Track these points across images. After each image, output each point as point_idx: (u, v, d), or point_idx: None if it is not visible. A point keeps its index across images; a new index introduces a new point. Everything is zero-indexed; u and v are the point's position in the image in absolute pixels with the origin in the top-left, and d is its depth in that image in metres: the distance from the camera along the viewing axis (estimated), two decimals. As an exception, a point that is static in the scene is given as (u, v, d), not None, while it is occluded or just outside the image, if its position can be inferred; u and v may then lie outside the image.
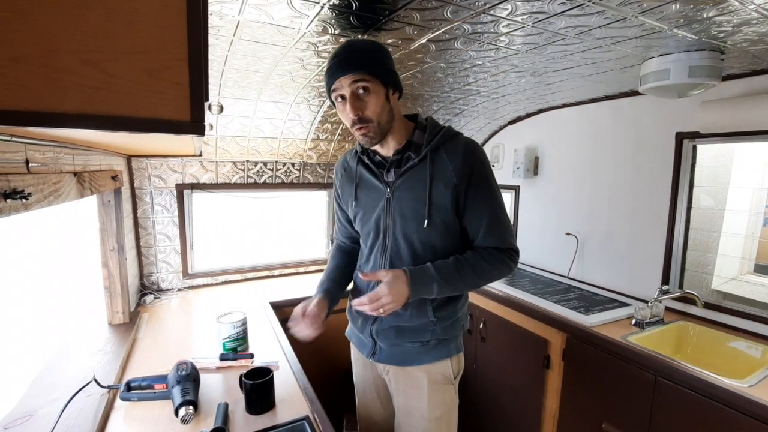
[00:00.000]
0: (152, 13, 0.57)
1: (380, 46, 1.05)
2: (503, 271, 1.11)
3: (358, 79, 0.98)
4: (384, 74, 1.01)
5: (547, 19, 1.08)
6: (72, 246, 1.56)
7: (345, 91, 1.00)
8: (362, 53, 0.99)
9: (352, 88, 0.99)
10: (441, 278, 1.04)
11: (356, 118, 1.01)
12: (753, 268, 2.00)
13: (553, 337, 1.77)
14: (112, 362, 1.33)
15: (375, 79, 1.00)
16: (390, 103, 1.05)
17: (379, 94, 1.01)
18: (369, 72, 0.98)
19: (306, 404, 1.16)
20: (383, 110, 1.03)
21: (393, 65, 1.06)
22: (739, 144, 1.79)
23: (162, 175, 2.09)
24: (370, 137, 1.05)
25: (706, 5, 0.96)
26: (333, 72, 1.00)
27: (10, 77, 0.51)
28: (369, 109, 1.01)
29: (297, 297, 2.14)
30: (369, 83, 0.99)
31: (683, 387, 1.32)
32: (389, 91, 1.04)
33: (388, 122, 1.05)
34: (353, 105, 1.00)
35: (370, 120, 1.02)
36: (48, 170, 0.89)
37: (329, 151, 2.42)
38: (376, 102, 1.01)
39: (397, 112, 1.09)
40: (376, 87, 1.00)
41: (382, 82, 1.01)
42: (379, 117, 1.02)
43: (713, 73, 1.34)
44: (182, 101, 0.60)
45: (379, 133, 1.05)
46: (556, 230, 2.42)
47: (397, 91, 1.07)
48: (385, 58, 1.03)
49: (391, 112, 1.05)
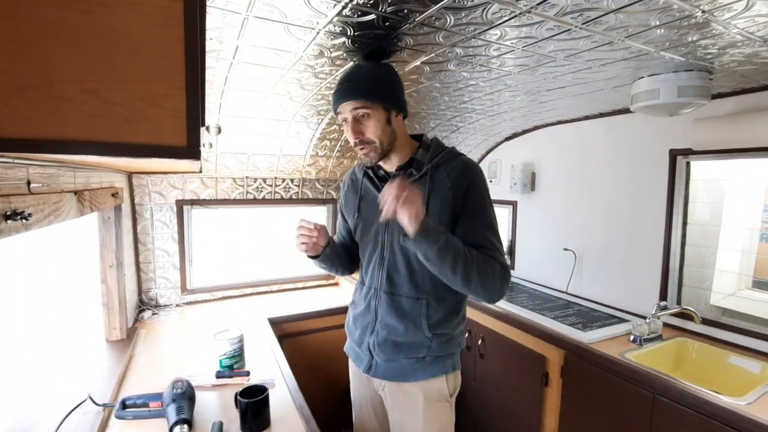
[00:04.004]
0: (151, 44, 0.60)
1: (386, 72, 1.11)
2: (495, 277, 1.03)
3: (359, 106, 1.05)
4: (386, 99, 1.07)
5: (536, 43, 1.11)
6: (71, 261, 1.58)
7: (347, 116, 1.08)
8: (366, 82, 1.05)
9: (353, 113, 1.06)
10: (447, 239, 0.98)
11: (357, 140, 1.08)
12: (751, 284, 2.00)
13: (551, 354, 1.76)
14: (108, 379, 1.33)
15: (376, 104, 1.05)
16: (392, 125, 1.10)
17: (379, 118, 1.07)
18: (369, 99, 1.05)
19: (302, 423, 1.15)
20: (384, 132, 1.08)
21: (398, 88, 1.12)
22: (732, 160, 1.81)
23: (162, 192, 2.11)
24: (371, 156, 1.11)
25: (690, 30, 1.00)
26: (337, 98, 1.08)
27: (14, 106, 0.53)
28: (369, 133, 1.07)
29: (295, 313, 2.15)
30: (369, 109, 1.05)
31: (681, 405, 1.31)
32: (391, 114, 1.09)
33: (390, 143, 1.11)
34: (353, 129, 1.07)
35: (371, 141, 1.08)
36: (49, 190, 0.91)
37: (328, 167, 2.45)
38: (376, 126, 1.07)
39: (401, 131, 1.15)
40: (377, 112, 1.06)
41: (384, 107, 1.07)
42: (380, 138, 1.08)
43: (702, 92, 1.37)
44: (179, 127, 0.63)
45: (380, 152, 1.10)
46: (554, 245, 2.43)
47: (401, 113, 1.13)
48: (389, 83, 1.09)
49: (393, 133, 1.11)
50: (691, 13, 0.90)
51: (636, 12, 0.91)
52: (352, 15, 0.94)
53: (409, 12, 0.94)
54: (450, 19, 0.97)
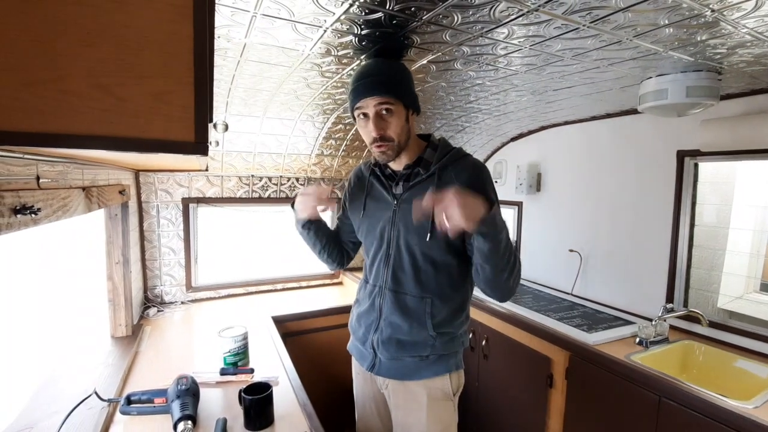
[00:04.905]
0: (161, 41, 0.60)
1: (404, 69, 1.11)
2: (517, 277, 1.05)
3: (384, 101, 1.04)
4: (407, 97, 1.07)
5: (544, 42, 1.10)
6: (77, 257, 1.59)
7: (369, 111, 1.06)
8: (389, 76, 1.05)
9: (376, 108, 1.05)
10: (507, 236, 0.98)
11: (378, 137, 1.06)
12: (759, 287, 1.98)
13: (556, 356, 1.75)
14: (113, 375, 1.34)
15: (398, 101, 1.06)
16: (409, 123, 1.11)
17: (401, 115, 1.07)
18: (394, 95, 1.05)
19: (305, 420, 1.15)
20: (403, 130, 1.08)
21: (413, 87, 1.13)
22: (741, 162, 1.80)
23: (169, 189, 2.13)
24: (388, 155, 1.10)
25: (699, 29, 0.99)
26: (360, 92, 1.05)
27: (25, 101, 0.53)
28: (391, 129, 1.07)
29: (299, 311, 2.15)
30: (393, 105, 1.05)
31: (688, 408, 1.29)
32: (409, 112, 1.10)
33: (406, 141, 1.11)
34: (376, 125, 1.06)
35: (391, 139, 1.07)
36: (58, 186, 0.92)
37: (333, 167, 2.46)
38: (397, 123, 1.07)
39: (413, 130, 1.15)
40: (399, 109, 1.06)
41: (404, 104, 1.07)
42: (399, 137, 1.08)
43: (711, 93, 1.35)
44: (187, 123, 0.63)
45: (397, 151, 1.10)
46: (559, 246, 2.42)
47: (416, 112, 1.13)
48: (407, 80, 1.10)
49: (409, 131, 1.11)
50: (701, 12, 0.90)
51: (645, 11, 0.90)
52: (360, 13, 0.94)
53: (417, 10, 0.94)
54: (457, 18, 0.97)
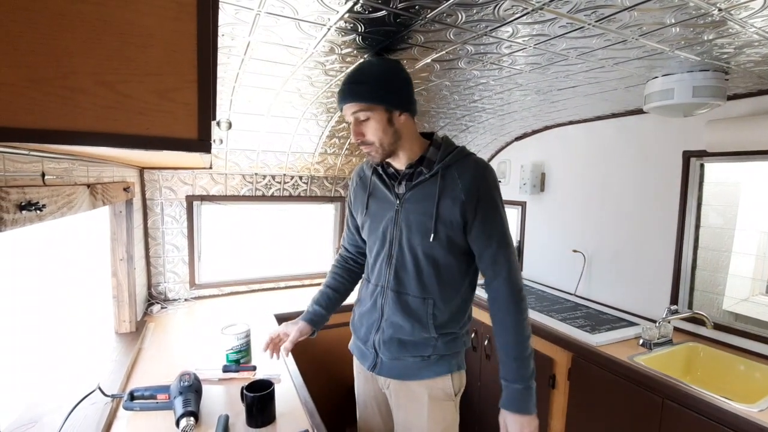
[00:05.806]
0: (164, 38, 0.60)
1: (392, 70, 1.08)
2: (525, 315, 1.12)
3: (358, 109, 1.06)
4: (388, 100, 1.05)
5: (549, 41, 1.10)
6: (82, 253, 1.60)
7: (349, 118, 1.09)
8: (366, 84, 1.04)
9: (354, 116, 1.07)
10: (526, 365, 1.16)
11: (358, 142, 1.09)
12: (765, 289, 1.96)
13: (558, 356, 1.74)
14: (117, 371, 1.35)
15: (377, 106, 1.05)
16: (395, 125, 1.08)
17: (380, 120, 1.06)
18: (369, 102, 1.05)
19: (306, 418, 1.16)
20: (385, 134, 1.07)
21: (404, 87, 1.09)
22: (748, 163, 1.78)
23: (173, 187, 2.14)
24: (374, 156, 1.12)
25: (706, 28, 0.98)
26: (339, 99, 1.10)
27: (31, 98, 0.54)
28: (369, 134, 1.08)
29: (301, 310, 2.14)
30: (369, 112, 1.05)
31: (691, 410, 1.29)
32: (393, 115, 1.07)
33: (392, 143, 1.09)
34: (355, 130, 1.09)
35: (371, 143, 1.08)
36: (63, 182, 0.92)
37: (336, 165, 2.46)
38: (376, 128, 1.06)
39: (408, 130, 1.12)
40: (377, 114, 1.06)
41: (386, 108, 1.06)
42: (381, 140, 1.08)
43: (718, 93, 1.34)
44: (191, 120, 0.63)
45: (382, 153, 1.10)
46: (563, 247, 2.41)
47: (406, 112, 1.10)
48: (393, 82, 1.07)
49: (396, 133, 1.09)
50: (708, 11, 0.89)
51: (651, 9, 0.89)
52: (363, 11, 0.94)
53: (421, 8, 0.93)
54: (461, 16, 0.97)
